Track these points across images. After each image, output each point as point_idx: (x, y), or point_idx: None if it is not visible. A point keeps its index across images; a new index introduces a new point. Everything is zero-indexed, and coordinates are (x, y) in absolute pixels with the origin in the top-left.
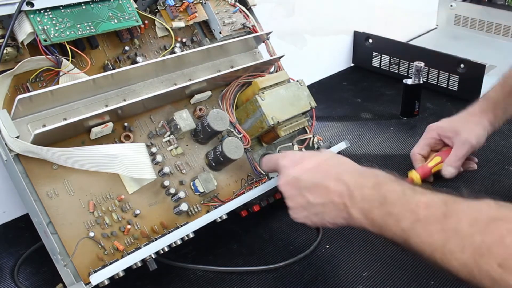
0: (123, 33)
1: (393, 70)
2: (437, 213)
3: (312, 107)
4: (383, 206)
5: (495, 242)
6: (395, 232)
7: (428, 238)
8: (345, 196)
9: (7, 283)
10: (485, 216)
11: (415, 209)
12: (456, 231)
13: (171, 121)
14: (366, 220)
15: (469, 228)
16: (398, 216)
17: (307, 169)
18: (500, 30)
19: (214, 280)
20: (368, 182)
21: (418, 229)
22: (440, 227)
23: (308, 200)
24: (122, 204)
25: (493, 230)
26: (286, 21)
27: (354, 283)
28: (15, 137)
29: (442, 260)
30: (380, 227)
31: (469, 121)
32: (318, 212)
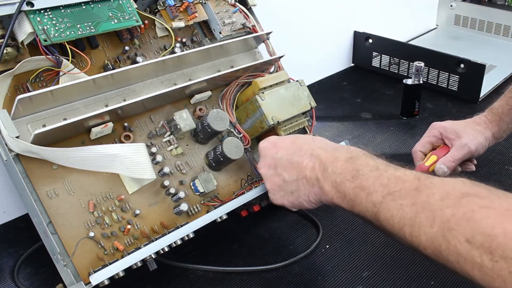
0: (123, 33)
1: (393, 70)
2: (409, 187)
3: (312, 107)
4: (355, 179)
5: (465, 216)
6: (365, 205)
7: (398, 212)
8: (317, 170)
9: (7, 283)
10: (458, 192)
11: (387, 183)
12: (427, 204)
13: (171, 121)
14: (338, 193)
15: (440, 202)
16: (370, 190)
17: (282, 148)
18: (500, 30)
19: (214, 280)
20: (341, 156)
21: (389, 203)
22: (412, 200)
23: (284, 178)
24: (122, 204)
25: (464, 205)
26: (286, 21)
27: (354, 283)
28: (15, 137)
29: (410, 235)
30: (351, 201)
31: (472, 128)
32: (293, 190)
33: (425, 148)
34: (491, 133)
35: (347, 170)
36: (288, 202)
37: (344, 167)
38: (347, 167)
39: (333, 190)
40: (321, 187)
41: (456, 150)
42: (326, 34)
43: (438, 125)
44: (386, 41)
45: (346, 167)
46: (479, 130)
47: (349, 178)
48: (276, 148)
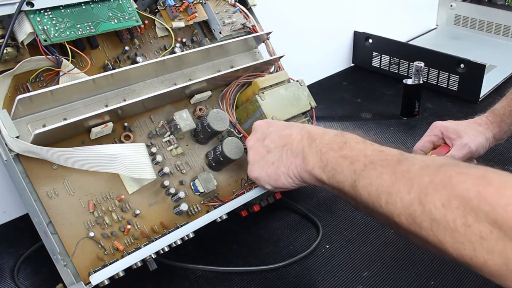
0: (123, 33)
1: (393, 70)
2: (391, 159)
3: (312, 107)
4: (341, 150)
5: (442, 182)
6: (346, 174)
7: (377, 179)
8: (305, 141)
9: (7, 283)
10: (437, 163)
11: (371, 154)
12: (406, 172)
13: (171, 121)
14: (320, 162)
15: (419, 171)
16: (353, 159)
17: (275, 125)
18: (500, 30)
19: (214, 280)
20: (331, 131)
21: (370, 171)
22: (392, 170)
23: (269, 148)
24: (122, 204)
25: (442, 172)
26: (286, 21)
27: (354, 283)
28: (15, 137)
29: (386, 202)
30: (332, 170)
31: (473, 129)
32: (274, 160)
33: (425, 147)
34: (492, 134)
35: (334, 141)
36: (265, 174)
37: (332, 139)
38: (335, 139)
39: (316, 159)
40: (304, 157)
41: (457, 149)
42: (326, 34)
43: (439, 125)
44: (386, 41)
45: (334, 139)
46: (480, 131)
47: (335, 148)
48: (269, 125)
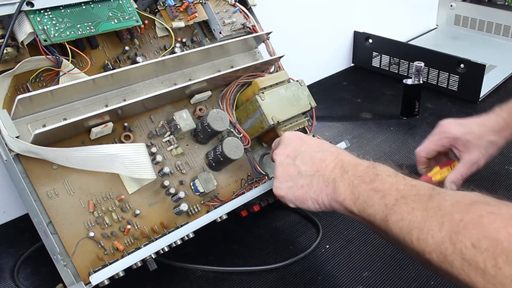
0: (123, 33)
1: (393, 70)
2: (423, 194)
3: (312, 107)
4: (372, 182)
5: (473, 221)
6: (377, 207)
7: (409, 215)
8: (337, 171)
9: (7, 283)
10: (468, 199)
11: (402, 189)
12: (437, 209)
13: (171, 121)
14: (351, 194)
15: (451, 207)
16: (384, 192)
17: (307, 143)
18: (500, 30)
19: (214, 280)
20: (364, 163)
21: (401, 205)
22: (424, 206)
23: (300, 170)
24: (122, 204)
25: (473, 211)
26: (286, 21)
27: (354, 283)
28: (15, 137)
29: (418, 238)
30: (363, 203)
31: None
32: (304, 185)
33: (430, 154)
34: (505, 139)
35: (366, 174)
36: (292, 195)
37: (364, 171)
38: (367, 171)
39: (347, 191)
40: (336, 188)
41: (465, 167)
42: (326, 34)
43: (451, 135)
44: (386, 41)
45: (366, 171)
46: (494, 142)
47: (367, 180)
48: (301, 141)
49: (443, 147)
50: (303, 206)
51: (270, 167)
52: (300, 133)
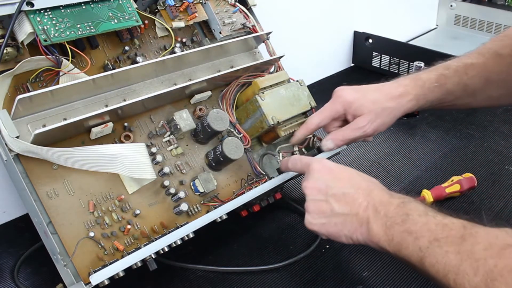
0: (123, 33)
1: (393, 70)
2: (455, 235)
3: (312, 107)
4: (404, 223)
5: (507, 268)
6: (412, 250)
7: (443, 258)
8: (370, 210)
9: (7, 283)
10: (501, 242)
11: (434, 229)
12: (471, 253)
13: (171, 121)
14: (385, 236)
15: (484, 252)
16: (417, 234)
17: (339, 178)
18: (500, 30)
19: (214, 280)
20: (395, 201)
21: (435, 249)
22: (457, 248)
23: (333, 208)
24: (122, 204)
25: (506, 256)
26: (286, 21)
27: (354, 283)
28: (15, 137)
29: (455, 282)
30: (398, 244)
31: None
32: (338, 223)
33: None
34: (404, 110)
35: (397, 214)
36: (326, 231)
37: (395, 211)
38: (398, 211)
39: (381, 233)
40: (370, 229)
41: (350, 130)
42: (326, 34)
43: (343, 99)
44: (386, 41)
45: (397, 211)
46: (389, 108)
47: (398, 221)
48: (332, 175)
49: (337, 112)
50: (335, 240)
51: (270, 167)
52: (328, 163)
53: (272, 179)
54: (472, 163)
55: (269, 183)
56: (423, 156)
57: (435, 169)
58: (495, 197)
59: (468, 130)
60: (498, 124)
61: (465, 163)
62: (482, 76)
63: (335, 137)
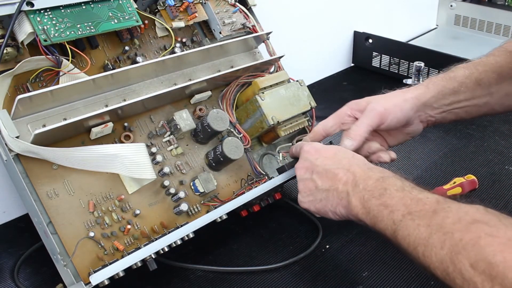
0: (123, 33)
1: (393, 70)
2: (428, 209)
3: (312, 107)
4: (381, 197)
5: (471, 242)
6: (386, 223)
7: (415, 231)
8: (349, 184)
9: (7, 283)
10: (469, 217)
11: (409, 203)
12: (440, 226)
13: (171, 121)
14: (363, 209)
15: (452, 226)
16: (392, 208)
17: (323, 157)
18: (500, 30)
19: (214, 280)
20: (374, 175)
21: (407, 222)
22: (428, 222)
23: (317, 184)
24: (122, 204)
25: (472, 231)
26: (286, 21)
27: (354, 283)
28: (15, 137)
29: (423, 255)
30: (374, 217)
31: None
32: (322, 198)
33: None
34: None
35: (376, 188)
36: (314, 208)
37: (374, 185)
38: (376, 185)
39: (359, 205)
40: (349, 201)
41: (363, 117)
42: (326, 34)
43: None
44: (386, 41)
45: (375, 185)
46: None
47: (376, 195)
48: (317, 154)
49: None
50: (325, 217)
51: (270, 167)
52: (317, 144)
53: (272, 179)
54: (472, 163)
55: (269, 183)
56: (423, 156)
57: (435, 169)
58: (495, 197)
59: (468, 130)
60: (498, 124)
61: (465, 163)
62: (494, 71)
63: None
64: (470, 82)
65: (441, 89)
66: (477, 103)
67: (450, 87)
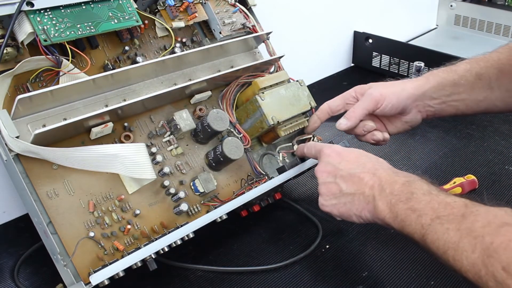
0: (123, 33)
1: (393, 70)
2: (456, 213)
3: (312, 107)
4: (408, 201)
5: (502, 245)
6: (414, 227)
7: (444, 235)
8: (376, 189)
9: (7, 283)
10: (499, 220)
11: (437, 207)
12: (470, 230)
13: (171, 121)
14: (391, 213)
15: (482, 229)
16: (420, 212)
17: (346, 160)
18: (500, 30)
19: (214, 280)
20: (400, 179)
21: (436, 226)
22: (457, 226)
23: (341, 188)
24: (122, 204)
25: (503, 234)
26: (286, 21)
27: (354, 283)
28: (15, 137)
29: (454, 258)
30: (401, 222)
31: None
32: (347, 202)
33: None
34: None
35: (402, 192)
36: (337, 211)
37: (400, 190)
38: (403, 189)
39: (386, 210)
40: (375, 206)
41: (360, 101)
42: (326, 34)
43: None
44: (386, 41)
45: (402, 190)
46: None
47: (403, 199)
48: (340, 158)
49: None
50: (349, 220)
51: (270, 167)
52: (337, 147)
53: (272, 179)
54: (472, 163)
55: (269, 183)
56: (423, 156)
57: (435, 169)
58: (495, 197)
59: (468, 130)
60: (498, 124)
61: (465, 163)
62: (496, 67)
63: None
64: (471, 75)
65: (441, 80)
66: (477, 97)
67: (450, 79)
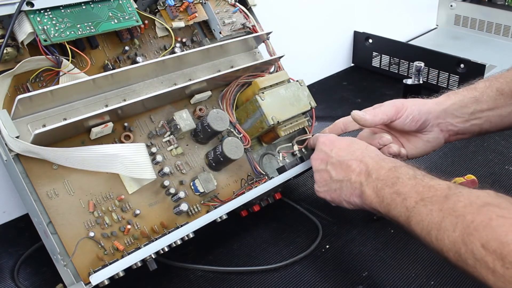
0: (123, 33)
1: (393, 70)
2: (440, 195)
3: (312, 107)
4: (394, 185)
5: (483, 223)
6: (399, 210)
7: (427, 216)
8: (362, 175)
9: (7, 283)
10: (480, 201)
11: (421, 190)
12: (452, 210)
13: (171, 121)
14: (377, 197)
15: (463, 209)
16: (405, 195)
17: (337, 148)
18: (500, 30)
19: (214, 280)
20: (386, 165)
21: (420, 208)
22: (440, 206)
23: (331, 175)
24: (122, 204)
25: (483, 213)
26: (286, 21)
27: (354, 283)
28: (15, 137)
29: (436, 238)
30: (387, 205)
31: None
32: (336, 188)
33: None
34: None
35: (388, 177)
36: (330, 197)
37: (386, 175)
38: (389, 174)
39: (373, 195)
40: (363, 191)
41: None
42: (326, 34)
43: None
44: (386, 41)
45: (388, 175)
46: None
47: (389, 184)
48: (332, 146)
49: None
50: (341, 205)
51: (270, 167)
52: (331, 136)
53: (272, 179)
54: (472, 163)
55: (269, 183)
56: (423, 156)
57: (435, 169)
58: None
59: None
60: None
61: (465, 163)
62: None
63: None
64: (491, 91)
65: (462, 98)
66: (501, 113)
67: (470, 96)
